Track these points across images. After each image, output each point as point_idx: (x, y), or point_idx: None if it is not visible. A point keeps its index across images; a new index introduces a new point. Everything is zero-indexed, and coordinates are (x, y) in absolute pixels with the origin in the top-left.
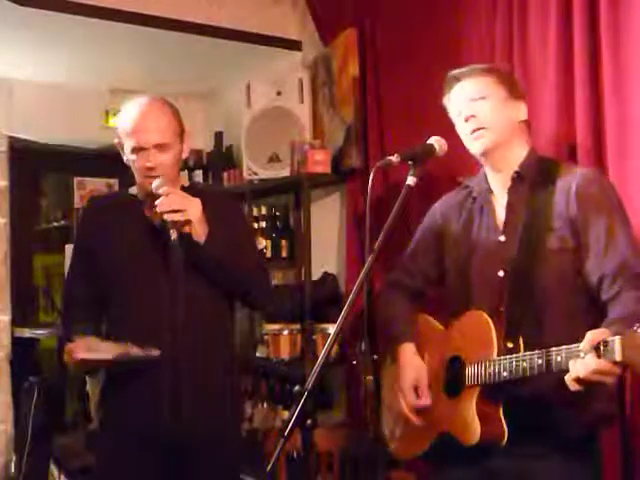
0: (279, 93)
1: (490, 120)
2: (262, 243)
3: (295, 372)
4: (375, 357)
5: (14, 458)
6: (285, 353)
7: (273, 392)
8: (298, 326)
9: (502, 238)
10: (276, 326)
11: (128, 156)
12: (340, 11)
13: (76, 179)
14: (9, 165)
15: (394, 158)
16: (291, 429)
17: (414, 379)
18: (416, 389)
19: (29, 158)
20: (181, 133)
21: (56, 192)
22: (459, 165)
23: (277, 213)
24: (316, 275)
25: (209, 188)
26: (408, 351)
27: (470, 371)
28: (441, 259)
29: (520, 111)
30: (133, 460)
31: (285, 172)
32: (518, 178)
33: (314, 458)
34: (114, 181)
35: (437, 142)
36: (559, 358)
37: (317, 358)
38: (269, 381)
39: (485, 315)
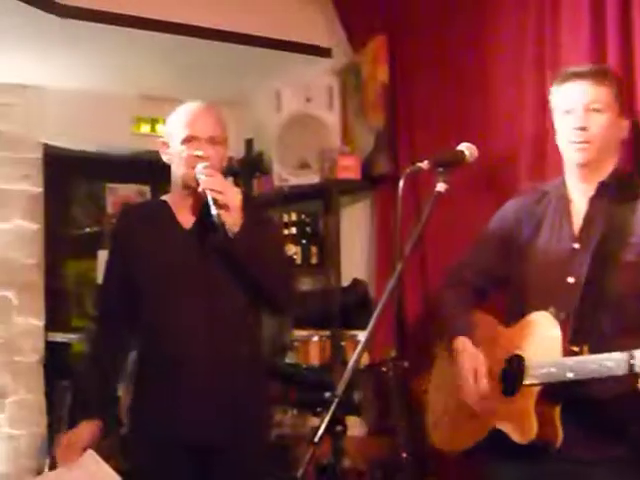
0: (309, 100)
1: (600, 136)
2: (292, 249)
3: (324, 379)
4: (405, 364)
5: (47, 461)
6: (314, 359)
7: (302, 399)
8: (327, 332)
9: (576, 245)
10: (305, 332)
11: (176, 148)
12: (370, 18)
13: (108, 185)
14: (43, 172)
15: (424, 165)
16: (321, 436)
17: (473, 366)
18: (475, 376)
19: (62, 165)
20: (227, 138)
21: (88, 198)
22: (487, 172)
23: (307, 219)
24: (346, 281)
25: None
26: (466, 342)
27: (532, 370)
28: (507, 259)
29: (625, 130)
30: (162, 464)
31: (315, 178)
32: (602, 189)
33: (343, 466)
34: (146, 188)
35: (467, 149)
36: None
37: (346, 365)
38: (298, 387)
39: (552, 317)
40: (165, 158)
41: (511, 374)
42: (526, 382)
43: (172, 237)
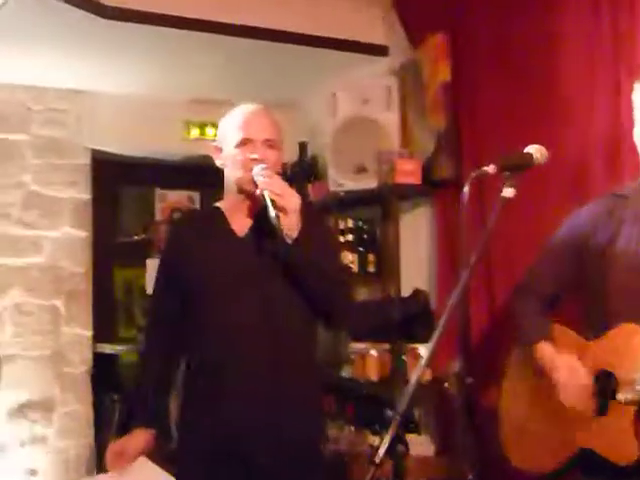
0: (365, 101)
1: None
2: (348, 257)
3: (383, 394)
4: (470, 380)
5: (96, 473)
6: (373, 374)
7: (360, 415)
8: (387, 345)
9: None
10: (363, 345)
11: (230, 152)
12: (430, 13)
13: (157, 192)
14: (91, 178)
15: (489, 168)
16: (382, 456)
17: (567, 364)
18: (574, 373)
19: (110, 171)
20: (282, 142)
21: (137, 205)
22: (557, 175)
23: (364, 226)
24: (406, 291)
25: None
26: (548, 348)
27: (626, 386)
28: (581, 266)
29: None
30: (212, 478)
31: (372, 183)
32: None
33: None
34: (195, 194)
35: (537, 151)
36: None
37: (407, 380)
38: (355, 403)
39: None
40: (218, 163)
41: (601, 391)
42: (620, 399)
43: (226, 244)
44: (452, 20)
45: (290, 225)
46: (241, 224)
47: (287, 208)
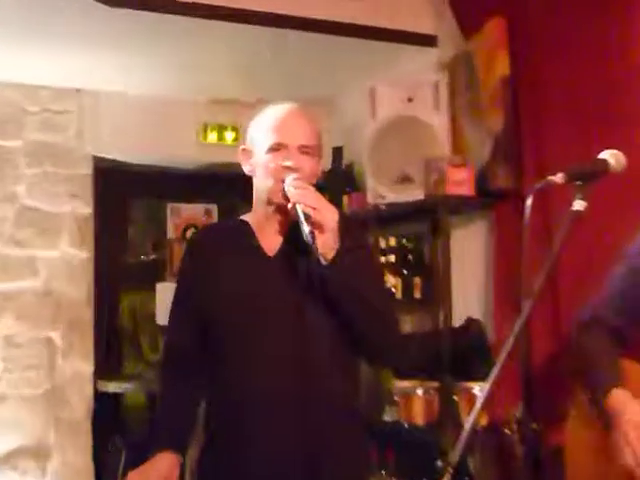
0: (410, 99)
1: None
2: (390, 281)
3: (432, 441)
4: (534, 426)
5: None
6: (419, 417)
7: (404, 465)
8: (435, 384)
9: None
10: (408, 383)
11: (261, 158)
12: None
13: (170, 205)
14: (94, 189)
15: (557, 178)
16: None
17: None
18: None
19: (116, 181)
20: (321, 148)
21: (146, 220)
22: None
23: (408, 245)
24: (457, 321)
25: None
26: (624, 397)
27: None
28: None
29: None
30: None
31: (418, 195)
32: None
33: None
34: (213, 206)
35: (612, 156)
36: None
37: (459, 424)
38: (399, 451)
39: None
40: (247, 169)
41: None
42: None
43: (254, 264)
44: (510, 5)
45: (326, 244)
46: (271, 241)
47: (323, 224)
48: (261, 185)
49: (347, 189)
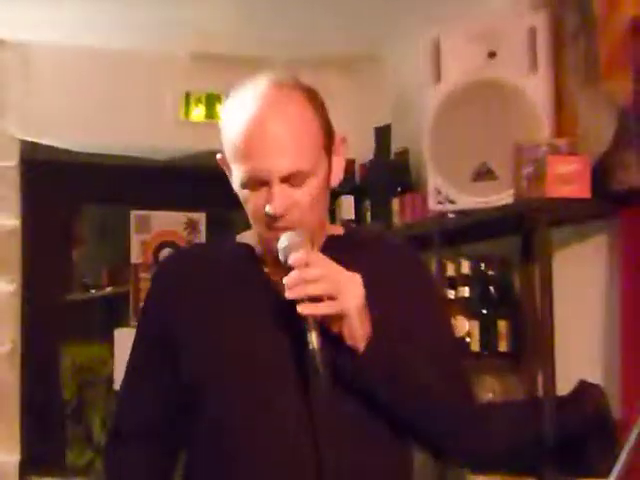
0: (492, 55)
1: None
2: (462, 325)
3: None
4: None
5: None
6: None
7: None
8: None
9: None
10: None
11: (237, 189)
12: None
13: (134, 214)
14: (22, 191)
15: None
16: None
17: None
18: None
19: (54, 179)
20: (328, 144)
21: (100, 237)
22: None
23: (490, 272)
24: (564, 385)
25: (376, 235)
26: None
27: None
28: None
29: None
30: None
31: (504, 198)
32: None
33: None
34: (199, 216)
35: None
36: None
37: None
38: None
39: None
40: (234, 187)
41: None
42: None
43: (262, 308)
44: None
45: (353, 333)
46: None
47: (344, 312)
48: (251, 220)
49: (397, 189)
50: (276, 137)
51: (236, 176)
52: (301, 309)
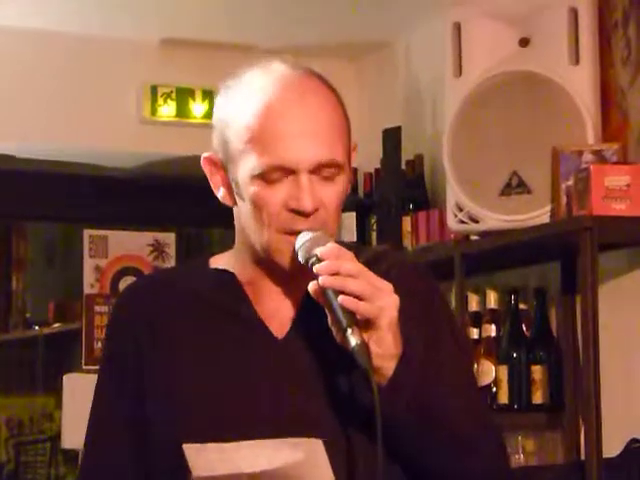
0: (525, 42)
1: None
2: (488, 372)
3: None
4: None
5: None
6: None
7: None
8: None
9: None
10: None
11: (243, 185)
12: None
13: (88, 233)
14: None
15: None
16: None
17: None
18: None
19: None
20: (349, 146)
21: (45, 261)
22: None
23: (522, 305)
24: (613, 444)
25: (387, 256)
26: None
27: None
28: None
29: None
30: None
31: (539, 216)
32: None
33: None
34: (167, 236)
35: None
36: None
37: None
38: None
39: None
40: (220, 194)
41: None
42: None
43: (250, 354)
44: None
45: (384, 348)
46: (277, 310)
47: (376, 322)
48: (250, 232)
49: (409, 205)
50: (308, 121)
51: (247, 165)
52: (343, 301)
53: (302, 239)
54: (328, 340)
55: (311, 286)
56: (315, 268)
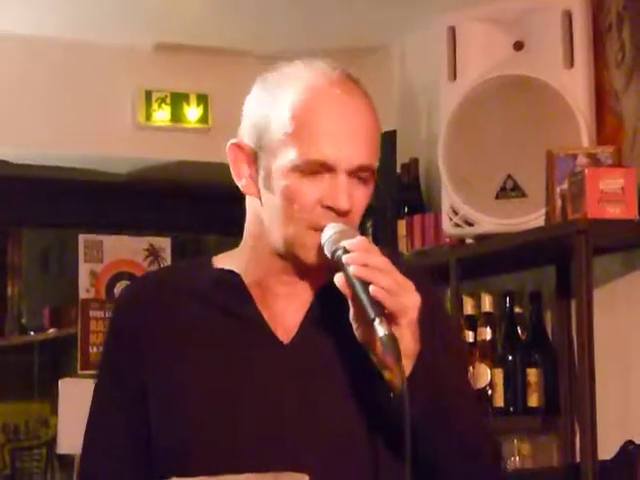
0: (519, 46)
1: None
2: (484, 375)
3: None
4: None
5: None
6: None
7: None
8: None
9: None
10: None
11: (277, 175)
12: None
13: (83, 238)
14: None
15: None
16: None
17: None
18: None
19: None
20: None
21: (41, 266)
22: None
23: (516, 309)
24: (608, 447)
25: (397, 258)
26: None
27: None
28: None
29: None
30: None
31: (534, 219)
32: None
33: None
34: (162, 241)
35: None
36: None
37: None
38: None
39: None
40: (242, 184)
41: None
42: None
43: (254, 358)
44: None
45: (402, 348)
46: (283, 313)
47: (399, 317)
48: (272, 225)
49: (404, 209)
50: (354, 121)
51: (287, 155)
52: (374, 292)
53: (330, 231)
54: (335, 344)
55: (338, 277)
56: (345, 258)
